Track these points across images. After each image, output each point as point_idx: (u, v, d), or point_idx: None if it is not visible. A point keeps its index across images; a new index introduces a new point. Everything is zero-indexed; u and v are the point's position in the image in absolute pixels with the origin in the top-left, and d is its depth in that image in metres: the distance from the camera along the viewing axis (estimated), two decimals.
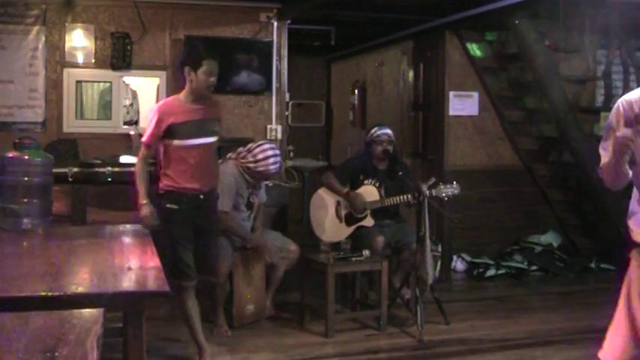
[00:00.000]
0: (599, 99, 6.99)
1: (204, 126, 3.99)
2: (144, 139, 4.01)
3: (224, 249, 4.59)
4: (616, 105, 2.55)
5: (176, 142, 3.91)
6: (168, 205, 3.95)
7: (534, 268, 6.75)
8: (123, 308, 2.79)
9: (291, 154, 7.14)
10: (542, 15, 6.33)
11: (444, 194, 4.99)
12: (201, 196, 4.00)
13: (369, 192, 5.33)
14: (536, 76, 6.45)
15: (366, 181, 5.37)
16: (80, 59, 5.98)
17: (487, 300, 5.91)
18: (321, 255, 4.94)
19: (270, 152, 4.79)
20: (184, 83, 4.07)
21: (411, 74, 7.58)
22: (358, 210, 5.28)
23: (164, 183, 3.98)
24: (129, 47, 5.96)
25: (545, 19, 6.40)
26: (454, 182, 5.09)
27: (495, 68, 7.02)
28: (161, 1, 6.10)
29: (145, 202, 3.93)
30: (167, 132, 3.90)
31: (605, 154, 2.56)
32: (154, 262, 3.08)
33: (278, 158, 4.86)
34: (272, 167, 4.81)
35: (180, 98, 4.00)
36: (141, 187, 3.96)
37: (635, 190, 2.58)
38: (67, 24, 5.93)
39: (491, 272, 6.61)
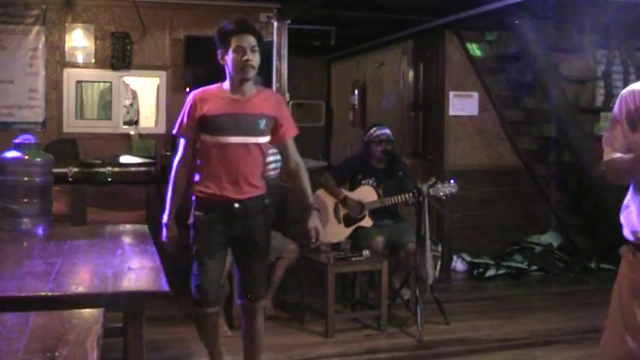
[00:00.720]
0: (599, 99, 6.99)
1: (244, 122, 3.27)
2: (173, 129, 3.41)
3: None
4: (620, 95, 2.54)
5: (208, 137, 3.27)
6: (195, 213, 3.32)
7: (534, 268, 6.75)
8: (123, 308, 2.79)
9: None
10: (542, 15, 6.33)
11: (441, 193, 4.99)
12: (236, 205, 3.28)
13: (367, 192, 5.32)
14: (536, 76, 6.45)
15: (363, 181, 5.37)
16: (80, 59, 5.98)
17: (487, 300, 5.91)
18: (321, 255, 4.94)
19: (270, 157, 4.78)
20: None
21: (411, 74, 7.58)
22: (355, 210, 5.29)
23: (194, 188, 3.36)
24: (129, 47, 5.97)
25: (545, 19, 6.41)
26: (451, 181, 5.09)
27: (495, 68, 7.02)
28: (161, 1, 6.10)
29: (169, 221, 3.36)
30: (201, 123, 3.27)
31: (610, 150, 2.55)
32: (154, 262, 3.08)
33: (278, 164, 4.85)
34: (271, 173, 4.81)
35: (222, 86, 3.34)
36: (169, 199, 3.36)
37: (632, 184, 2.58)
38: (67, 24, 5.94)
39: (491, 272, 6.61)
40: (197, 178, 3.33)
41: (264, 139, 3.35)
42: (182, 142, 3.35)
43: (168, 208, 3.35)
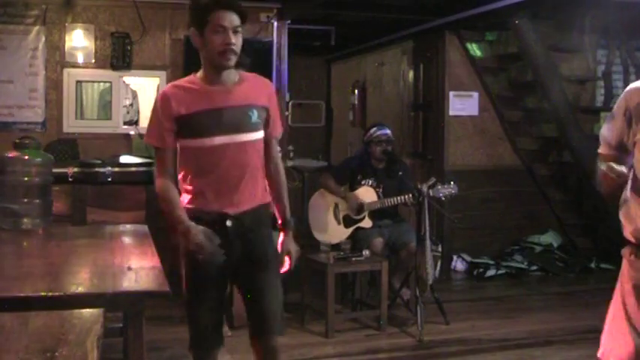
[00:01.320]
0: (599, 99, 7.00)
1: (230, 117, 2.67)
2: (145, 137, 2.81)
3: None
4: (624, 92, 2.56)
5: (188, 141, 2.69)
6: None
7: (534, 268, 6.75)
8: (123, 308, 2.79)
9: (291, 154, 7.14)
10: (542, 15, 6.33)
11: (441, 194, 4.99)
12: (228, 223, 2.70)
13: (367, 193, 5.32)
14: (536, 76, 6.46)
15: (364, 181, 5.37)
16: (80, 59, 5.99)
17: (487, 300, 5.91)
18: (321, 255, 4.95)
19: None
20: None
21: (411, 74, 7.58)
22: (354, 210, 5.28)
23: (182, 202, 2.76)
24: (129, 47, 5.98)
25: (545, 19, 6.41)
26: (452, 182, 5.09)
27: (495, 68, 7.02)
28: (161, 1, 6.11)
29: (184, 223, 2.66)
30: (177, 125, 2.68)
31: (603, 144, 2.58)
32: (153, 262, 3.08)
33: None
34: None
35: (195, 77, 2.74)
36: (172, 208, 2.69)
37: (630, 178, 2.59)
38: (67, 24, 5.94)
39: (491, 272, 6.61)
40: (185, 191, 2.76)
41: (260, 135, 2.76)
42: (160, 152, 2.73)
43: (176, 213, 2.69)
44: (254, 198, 2.77)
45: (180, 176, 2.76)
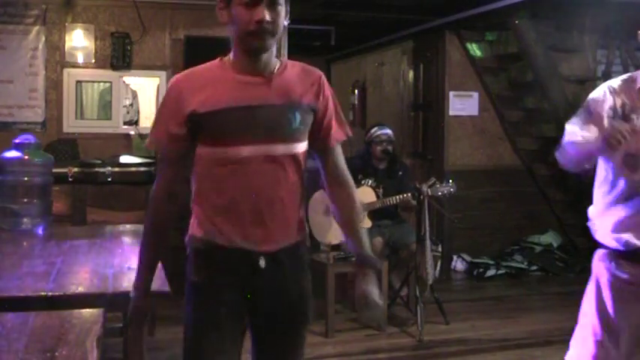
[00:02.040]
0: None
1: (266, 119, 1.97)
2: (148, 138, 2.06)
3: None
4: (601, 89, 2.53)
5: (206, 149, 1.98)
6: (193, 278, 2.03)
7: (534, 268, 6.75)
8: (123, 308, 2.79)
9: None
10: (542, 15, 6.33)
11: (439, 193, 5.00)
12: (261, 261, 2.00)
13: (366, 193, 5.32)
14: (536, 76, 6.45)
15: (363, 181, 5.37)
16: (80, 59, 5.99)
17: (487, 300, 5.91)
18: (321, 255, 4.95)
19: None
20: None
21: (411, 74, 7.58)
22: None
23: (191, 231, 2.06)
24: (129, 47, 5.97)
25: (545, 19, 6.41)
26: (450, 181, 5.09)
27: (495, 68, 7.02)
28: (161, 1, 6.10)
29: (138, 284, 2.10)
30: (193, 126, 1.96)
31: (573, 134, 2.56)
32: None
33: None
34: None
35: (222, 62, 2.03)
36: (144, 253, 2.10)
37: (600, 183, 2.57)
38: (67, 24, 5.94)
39: (491, 272, 6.62)
40: (197, 216, 2.05)
41: (303, 147, 2.06)
42: (160, 161, 2.09)
43: (143, 264, 2.10)
44: (289, 232, 2.06)
45: (195, 193, 2.05)
